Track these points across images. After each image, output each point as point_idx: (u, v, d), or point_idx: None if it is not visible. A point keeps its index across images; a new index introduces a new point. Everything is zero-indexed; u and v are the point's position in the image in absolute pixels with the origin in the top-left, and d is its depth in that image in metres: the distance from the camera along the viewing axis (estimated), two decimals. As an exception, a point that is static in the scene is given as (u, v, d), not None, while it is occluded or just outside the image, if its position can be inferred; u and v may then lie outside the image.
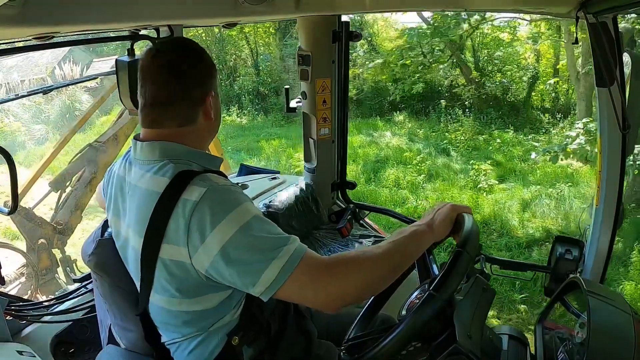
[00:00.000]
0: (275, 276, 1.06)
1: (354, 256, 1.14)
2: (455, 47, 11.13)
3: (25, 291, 4.17)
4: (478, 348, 1.12)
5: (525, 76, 11.60)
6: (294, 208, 2.51)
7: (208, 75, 1.24)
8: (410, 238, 1.18)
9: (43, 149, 10.00)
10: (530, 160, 8.20)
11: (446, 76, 11.74)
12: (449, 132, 10.21)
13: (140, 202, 1.18)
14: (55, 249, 4.44)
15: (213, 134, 1.31)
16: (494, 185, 7.78)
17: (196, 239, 1.08)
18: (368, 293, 1.23)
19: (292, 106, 2.57)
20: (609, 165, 1.78)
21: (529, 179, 8.07)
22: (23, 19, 1.11)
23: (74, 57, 12.35)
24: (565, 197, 7.18)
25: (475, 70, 11.59)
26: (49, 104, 11.41)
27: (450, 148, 9.57)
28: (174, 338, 1.24)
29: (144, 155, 1.22)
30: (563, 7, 1.65)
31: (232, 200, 1.10)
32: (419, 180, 8.15)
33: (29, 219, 4.27)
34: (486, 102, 11.17)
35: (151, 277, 1.16)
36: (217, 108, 1.29)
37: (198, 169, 1.18)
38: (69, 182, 4.55)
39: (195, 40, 1.31)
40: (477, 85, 11.24)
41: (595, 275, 1.89)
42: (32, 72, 12.40)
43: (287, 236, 1.11)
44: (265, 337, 1.28)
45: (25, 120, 11.11)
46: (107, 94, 5.08)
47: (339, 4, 1.93)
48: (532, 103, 11.49)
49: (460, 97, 11.33)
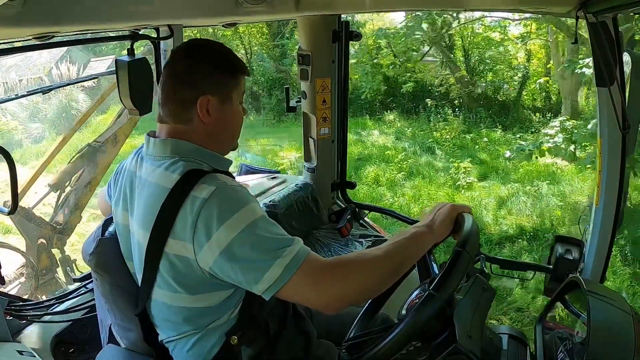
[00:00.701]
0: (278, 275, 1.07)
1: (356, 258, 1.16)
2: (444, 47, 11.17)
3: (25, 291, 4.16)
4: (478, 348, 1.12)
5: (516, 75, 11.67)
6: (294, 208, 2.51)
7: (204, 78, 1.23)
8: (411, 240, 1.19)
9: (39, 147, 10.13)
10: (515, 158, 8.26)
11: (436, 75, 11.77)
12: (436, 130, 10.33)
13: (149, 196, 1.20)
14: (55, 249, 4.44)
15: (218, 138, 1.28)
16: (472, 182, 7.91)
17: (202, 235, 1.10)
18: (369, 294, 1.26)
19: (292, 105, 2.57)
20: (609, 165, 1.78)
21: (510, 177, 8.20)
22: (23, 19, 1.12)
23: (71, 57, 12.34)
24: (543, 194, 7.30)
25: (466, 70, 11.65)
26: (46, 102, 11.42)
27: (436, 146, 9.71)
28: (172, 336, 1.25)
29: (155, 151, 1.24)
30: (563, 7, 1.65)
31: (240, 199, 1.13)
32: (398, 178, 8.29)
33: (29, 219, 4.27)
34: (477, 101, 11.26)
35: (155, 271, 1.18)
36: (223, 114, 1.26)
37: (207, 168, 1.21)
38: (68, 182, 4.55)
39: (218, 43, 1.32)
40: (467, 85, 11.32)
41: (595, 275, 1.89)
42: (30, 72, 12.39)
43: (291, 237, 1.13)
44: (264, 337, 1.28)
45: (22, 119, 11.13)
46: (107, 93, 5.07)
47: (339, 4, 1.93)
48: (523, 102, 11.56)
49: (450, 96, 11.42)
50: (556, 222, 6.55)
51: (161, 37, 1.90)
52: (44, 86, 2.99)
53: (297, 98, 2.58)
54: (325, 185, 2.69)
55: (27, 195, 4.50)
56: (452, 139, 9.94)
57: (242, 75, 1.30)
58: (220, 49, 1.30)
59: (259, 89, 13.00)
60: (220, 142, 1.30)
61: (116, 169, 1.43)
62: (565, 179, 7.89)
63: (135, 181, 1.27)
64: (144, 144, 1.31)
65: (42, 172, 4.61)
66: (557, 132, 6.56)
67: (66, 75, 11.68)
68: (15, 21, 1.11)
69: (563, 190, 7.43)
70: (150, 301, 1.25)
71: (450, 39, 11.63)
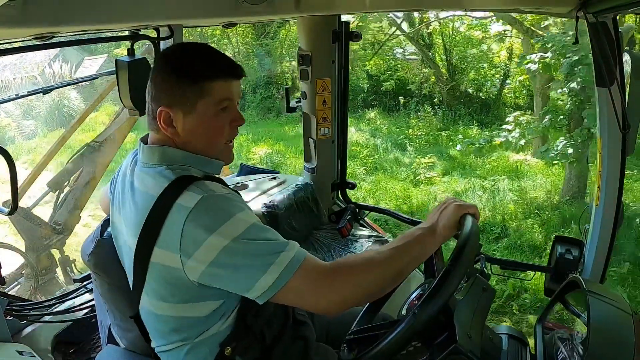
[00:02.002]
0: (272, 282, 1.06)
1: (356, 262, 1.14)
2: (422, 45, 11.26)
3: (25, 292, 4.16)
4: (478, 348, 1.12)
5: (497, 74, 11.73)
6: (294, 208, 2.51)
7: (164, 91, 1.18)
8: (415, 242, 1.17)
9: (30, 143, 10.24)
10: (465, 151, 8.40)
11: (417, 74, 11.85)
12: (411, 127, 10.51)
13: (137, 204, 1.17)
14: (54, 249, 4.44)
15: (194, 148, 1.22)
16: (432, 177, 8.14)
17: (189, 246, 1.07)
18: (371, 298, 1.23)
19: (292, 106, 2.57)
20: (609, 165, 1.78)
21: (476, 173, 8.38)
22: (23, 19, 1.12)
23: (65, 56, 12.31)
24: (500, 189, 7.47)
25: (448, 68, 11.73)
26: (39, 100, 11.41)
27: (407, 143, 9.90)
28: (163, 344, 1.23)
29: (145, 158, 1.23)
30: (563, 7, 1.65)
31: (228, 208, 1.09)
32: (359, 173, 8.48)
33: (28, 219, 4.27)
34: (458, 99, 11.37)
35: (142, 279, 1.15)
36: (190, 124, 1.19)
37: (197, 173, 1.18)
38: (67, 181, 4.54)
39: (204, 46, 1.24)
40: (447, 83, 11.44)
41: (595, 275, 1.89)
42: (24, 70, 12.37)
43: (285, 242, 1.10)
44: (259, 346, 1.25)
45: (15, 117, 11.16)
46: (106, 92, 5.07)
47: (339, 4, 1.93)
48: (505, 100, 11.65)
49: (430, 94, 11.55)
50: (507, 216, 6.71)
51: (161, 37, 1.91)
52: (45, 86, 2.99)
53: (297, 99, 2.58)
54: (325, 185, 2.69)
55: (26, 195, 4.49)
56: (425, 135, 10.13)
57: (210, 81, 1.17)
58: (186, 55, 1.21)
59: (244, 87, 13.08)
60: (200, 150, 1.22)
61: (119, 167, 1.41)
62: (530, 174, 8.10)
63: (127, 186, 1.26)
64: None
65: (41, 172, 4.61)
66: (514, 127, 6.75)
67: (58, 74, 11.70)
68: (15, 21, 1.10)
69: (524, 186, 7.63)
70: (140, 307, 1.23)
71: (430, 37, 11.71)
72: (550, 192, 7.33)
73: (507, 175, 7.96)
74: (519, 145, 6.59)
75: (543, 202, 7.11)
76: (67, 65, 12.01)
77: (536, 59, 6.25)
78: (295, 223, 2.48)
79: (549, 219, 6.48)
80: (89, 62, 12.90)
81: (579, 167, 6.54)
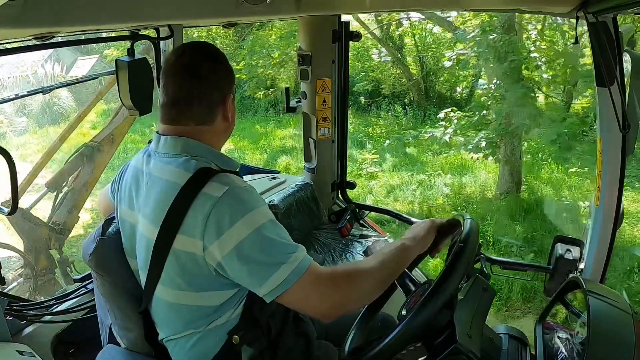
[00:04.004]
0: (283, 279, 1.10)
1: (354, 269, 1.22)
2: (392, 47, 11.33)
3: (24, 292, 4.16)
4: (478, 348, 1.12)
5: (469, 75, 11.74)
6: (294, 208, 2.51)
7: (226, 79, 1.29)
8: (400, 251, 1.27)
9: (20, 140, 10.46)
10: (393, 147, 8.79)
11: (389, 75, 11.94)
12: (374, 126, 10.82)
13: (159, 193, 1.21)
14: (53, 250, 4.43)
15: (228, 136, 1.36)
16: (374, 172, 8.48)
17: (213, 233, 1.12)
18: (366, 302, 1.33)
19: (292, 106, 2.57)
20: (609, 165, 1.78)
21: (424, 169, 8.70)
22: (23, 19, 1.11)
23: (58, 55, 12.31)
24: (435, 184, 7.87)
25: (420, 70, 11.84)
26: (32, 98, 11.49)
27: (367, 141, 10.18)
28: (172, 334, 1.26)
29: (166, 149, 1.25)
30: (563, 7, 1.65)
31: (251, 201, 1.16)
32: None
33: (27, 219, 4.26)
34: (430, 99, 11.60)
35: (160, 267, 1.19)
36: (233, 111, 1.33)
37: (216, 168, 1.23)
38: (65, 182, 4.54)
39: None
40: (417, 84, 11.60)
41: (595, 275, 1.89)
42: (18, 70, 12.38)
43: (295, 244, 1.17)
44: (265, 337, 1.29)
45: (8, 114, 11.24)
46: (105, 91, 5.07)
47: (339, 4, 1.93)
48: (477, 100, 11.68)
49: (402, 94, 11.71)
50: (434, 209, 7.12)
51: (161, 37, 1.91)
52: (45, 86, 2.99)
53: (297, 99, 2.58)
54: (325, 185, 2.69)
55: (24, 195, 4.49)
56: (386, 133, 10.29)
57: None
58: (211, 45, 1.34)
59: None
60: (225, 140, 1.36)
61: (121, 168, 1.44)
62: (476, 172, 8.38)
63: (143, 178, 1.28)
64: (151, 142, 1.32)
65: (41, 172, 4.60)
66: (447, 125, 7.05)
67: (50, 75, 11.73)
68: (15, 21, 1.10)
69: (464, 182, 7.94)
70: (152, 299, 1.25)
71: (400, 39, 11.80)
72: (485, 188, 7.67)
73: (452, 172, 8.30)
74: (443, 140, 6.95)
75: (476, 197, 7.45)
76: (59, 65, 12.04)
77: (453, 56, 6.60)
78: (295, 223, 2.48)
79: (473, 212, 6.80)
80: (82, 62, 12.91)
81: (510, 163, 6.92)
